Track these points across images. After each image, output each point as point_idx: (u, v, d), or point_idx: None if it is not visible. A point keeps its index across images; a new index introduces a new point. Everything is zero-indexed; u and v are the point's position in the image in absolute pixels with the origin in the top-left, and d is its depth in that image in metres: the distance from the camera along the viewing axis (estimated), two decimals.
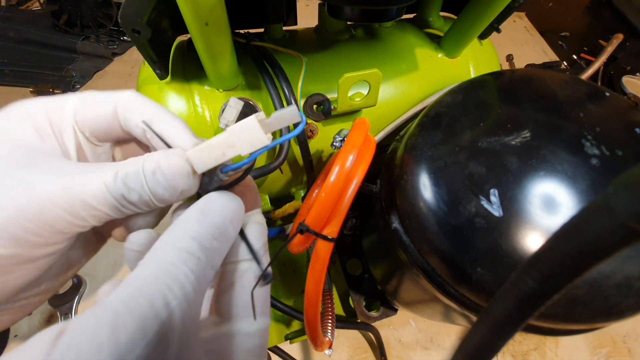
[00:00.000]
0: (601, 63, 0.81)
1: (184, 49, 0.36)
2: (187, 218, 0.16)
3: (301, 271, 0.51)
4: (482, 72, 0.40)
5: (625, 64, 0.81)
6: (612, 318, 0.21)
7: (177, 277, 0.14)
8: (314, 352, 0.52)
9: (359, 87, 0.35)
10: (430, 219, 0.23)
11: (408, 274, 0.30)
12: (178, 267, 0.14)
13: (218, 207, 0.17)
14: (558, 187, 0.21)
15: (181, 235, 0.15)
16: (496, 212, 0.21)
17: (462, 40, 0.38)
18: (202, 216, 0.16)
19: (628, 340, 0.54)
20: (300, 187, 0.44)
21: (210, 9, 0.24)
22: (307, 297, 0.27)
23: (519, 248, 0.20)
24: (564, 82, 0.27)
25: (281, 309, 0.40)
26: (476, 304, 0.24)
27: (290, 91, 0.33)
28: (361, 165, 0.25)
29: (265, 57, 0.34)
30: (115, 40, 0.94)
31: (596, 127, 0.23)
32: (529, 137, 0.23)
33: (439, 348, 0.53)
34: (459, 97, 0.28)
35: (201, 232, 0.15)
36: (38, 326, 0.52)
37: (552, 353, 0.53)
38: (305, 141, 0.34)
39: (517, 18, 1.13)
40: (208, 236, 0.16)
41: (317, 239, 0.25)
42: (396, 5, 0.30)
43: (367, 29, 0.41)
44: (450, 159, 0.24)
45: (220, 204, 0.17)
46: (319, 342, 0.33)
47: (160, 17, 0.29)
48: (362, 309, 0.44)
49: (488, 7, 0.33)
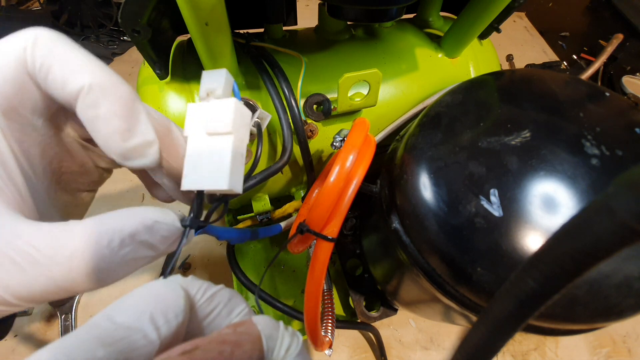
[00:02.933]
0: (601, 63, 0.81)
1: (184, 49, 0.36)
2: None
3: (301, 271, 0.51)
4: (482, 72, 0.40)
5: (625, 64, 0.81)
6: (612, 318, 0.21)
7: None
8: (314, 352, 0.52)
9: (359, 87, 0.35)
10: (430, 219, 0.23)
11: (408, 274, 0.30)
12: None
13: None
14: (558, 187, 0.21)
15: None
16: (496, 212, 0.21)
17: (462, 40, 0.38)
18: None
19: (628, 340, 0.54)
20: (300, 187, 0.44)
21: (210, 9, 0.24)
22: (307, 297, 0.27)
23: (519, 248, 0.20)
24: (564, 82, 0.27)
25: (281, 309, 0.40)
26: (476, 304, 0.24)
27: (290, 91, 0.33)
28: (361, 165, 0.25)
29: (265, 57, 0.34)
30: (115, 40, 0.94)
31: (596, 127, 0.23)
32: (529, 137, 0.23)
33: (439, 348, 0.53)
34: (459, 97, 0.28)
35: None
36: (38, 326, 0.52)
37: (552, 353, 0.53)
38: (305, 141, 0.34)
39: (517, 18, 1.13)
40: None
41: (317, 239, 0.25)
42: (396, 5, 0.30)
43: (367, 29, 0.41)
44: (450, 159, 0.24)
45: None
46: (319, 342, 0.33)
47: (160, 17, 0.29)
48: (362, 309, 0.44)
49: (488, 7, 0.33)
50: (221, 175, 0.16)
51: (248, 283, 0.40)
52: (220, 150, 0.17)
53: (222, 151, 0.17)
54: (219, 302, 0.16)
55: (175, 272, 0.58)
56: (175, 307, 0.14)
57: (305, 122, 0.34)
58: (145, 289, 0.15)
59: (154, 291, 0.14)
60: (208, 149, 0.17)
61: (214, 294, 0.16)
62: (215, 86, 0.18)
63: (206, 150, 0.17)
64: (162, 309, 0.14)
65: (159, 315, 0.14)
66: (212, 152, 0.17)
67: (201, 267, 0.59)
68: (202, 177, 0.17)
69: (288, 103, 0.33)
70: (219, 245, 0.61)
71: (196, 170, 0.17)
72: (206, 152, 0.17)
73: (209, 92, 0.18)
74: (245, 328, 0.14)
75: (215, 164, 0.17)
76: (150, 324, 0.13)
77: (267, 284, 0.50)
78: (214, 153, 0.17)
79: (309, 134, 0.35)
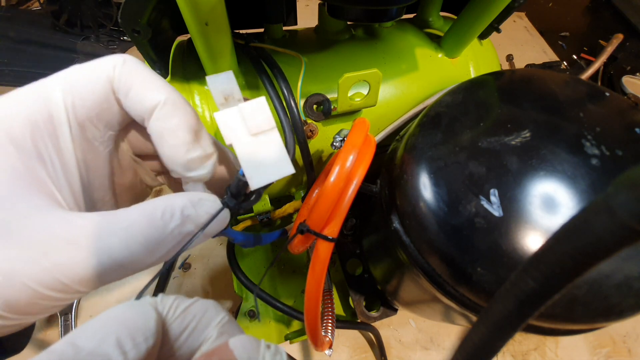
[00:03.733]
0: (601, 63, 0.81)
1: (184, 49, 0.36)
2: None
3: (301, 271, 0.51)
4: (482, 72, 0.40)
5: (625, 64, 0.81)
6: (612, 318, 0.21)
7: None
8: (314, 352, 0.52)
9: (359, 87, 0.35)
10: (430, 219, 0.23)
11: (408, 274, 0.30)
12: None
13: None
14: (558, 187, 0.21)
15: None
16: (496, 212, 0.21)
17: (462, 40, 0.38)
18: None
19: (628, 340, 0.54)
20: (300, 187, 0.44)
21: (210, 9, 0.24)
22: (307, 297, 0.27)
23: (519, 248, 0.20)
24: (564, 82, 0.27)
25: (281, 309, 0.40)
26: (476, 304, 0.24)
27: (289, 92, 0.33)
28: (361, 165, 0.25)
29: (264, 58, 0.34)
30: (115, 40, 0.94)
31: (596, 127, 0.23)
32: (529, 137, 0.23)
33: (439, 348, 0.53)
34: (459, 97, 0.28)
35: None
36: (39, 326, 0.52)
37: (552, 353, 0.53)
38: (305, 141, 0.34)
39: (517, 18, 1.13)
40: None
41: (317, 239, 0.25)
42: (396, 5, 0.30)
43: (367, 29, 0.41)
44: (450, 159, 0.24)
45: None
46: (319, 342, 0.33)
47: (160, 17, 0.29)
48: (362, 309, 0.44)
49: (488, 7, 0.33)
50: (284, 164, 0.18)
51: (248, 283, 0.40)
52: (272, 144, 0.18)
53: (274, 144, 0.18)
54: (194, 316, 0.16)
55: (175, 272, 0.58)
56: (145, 329, 0.14)
57: (305, 122, 0.34)
58: (113, 312, 0.14)
59: (122, 314, 0.14)
60: (260, 147, 0.18)
61: (187, 308, 0.16)
62: (230, 90, 0.18)
63: (258, 149, 0.18)
64: (130, 332, 0.13)
65: (126, 339, 0.13)
66: (265, 148, 0.18)
67: (201, 267, 0.59)
68: (267, 172, 0.18)
69: (287, 103, 0.33)
70: (219, 245, 0.61)
71: (258, 168, 0.18)
72: (259, 151, 0.18)
73: (226, 96, 0.18)
74: (218, 356, 0.14)
75: (273, 157, 0.18)
76: (116, 349, 0.13)
77: (267, 284, 0.50)
78: (268, 148, 0.18)
79: (309, 134, 0.35)
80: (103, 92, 0.17)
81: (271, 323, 0.47)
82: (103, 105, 0.17)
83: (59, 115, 0.16)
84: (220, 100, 0.18)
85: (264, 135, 0.18)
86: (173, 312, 0.15)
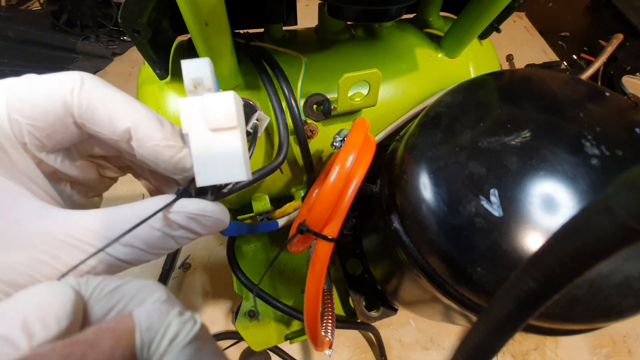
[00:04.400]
0: (601, 63, 0.81)
1: (184, 49, 0.36)
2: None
3: (301, 271, 0.51)
4: (482, 72, 0.40)
5: (625, 64, 0.81)
6: (612, 318, 0.21)
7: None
8: (314, 352, 0.52)
9: (359, 87, 0.35)
10: (430, 219, 0.23)
11: (408, 274, 0.30)
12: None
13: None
14: (558, 187, 0.21)
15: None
16: (496, 212, 0.21)
17: (462, 40, 0.38)
18: None
19: (628, 340, 0.54)
20: (300, 187, 0.44)
21: (210, 9, 0.24)
22: (307, 297, 0.27)
23: (519, 248, 0.20)
24: (564, 82, 0.27)
25: (281, 309, 0.40)
26: (476, 304, 0.24)
27: (289, 91, 0.33)
28: (361, 165, 0.25)
29: (265, 57, 0.34)
30: (115, 40, 0.94)
31: (596, 127, 0.23)
32: (529, 137, 0.23)
33: (439, 348, 0.53)
34: (459, 97, 0.28)
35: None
36: None
37: (552, 353, 0.53)
38: (305, 141, 0.34)
39: (517, 18, 1.13)
40: None
41: (317, 239, 0.25)
42: (396, 5, 0.30)
43: (367, 29, 0.41)
44: (450, 159, 0.24)
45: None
46: (319, 342, 0.33)
47: (160, 17, 0.29)
48: (362, 309, 0.44)
49: (488, 7, 0.33)
50: (237, 168, 0.17)
51: (248, 283, 0.40)
52: (230, 146, 0.17)
53: (231, 146, 0.17)
54: (123, 296, 0.15)
55: (175, 272, 0.58)
56: (59, 311, 0.13)
57: (305, 122, 0.34)
58: (26, 293, 0.13)
59: (35, 295, 0.13)
60: (215, 145, 0.17)
61: (116, 288, 0.15)
62: (202, 77, 0.17)
63: (213, 146, 0.17)
64: (40, 314, 0.13)
65: (35, 322, 0.12)
66: (221, 147, 0.17)
67: (201, 267, 0.59)
68: (217, 171, 0.17)
69: (288, 103, 0.33)
70: (219, 245, 0.61)
71: (208, 166, 0.17)
72: (214, 148, 0.17)
73: (196, 83, 0.17)
74: (114, 323, 0.13)
75: (228, 159, 0.17)
76: (20, 331, 0.12)
77: (267, 284, 0.50)
78: (224, 148, 0.17)
79: (309, 134, 0.35)
80: (57, 116, 0.16)
81: (271, 323, 0.47)
82: (56, 127, 0.16)
83: (4, 133, 0.16)
84: (189, 87, 0.17)
85: (223, 133, 0.17)
86: (99, 293, 0.15)
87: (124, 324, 0.13)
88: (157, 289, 0.15)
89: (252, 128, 0.24)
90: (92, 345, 0.12)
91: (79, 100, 0.16)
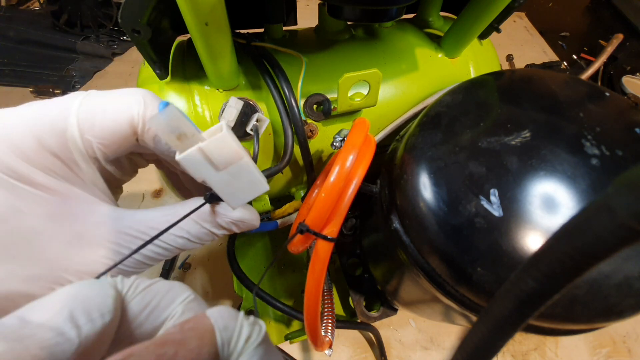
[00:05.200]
0: (601, 63, 0.81)
1: (184, 49, 0.36)
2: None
3: (301, 271, 0.51)
4: (482, 72, 0.40)
5: (625, 64, 0.81)
6: (612, 318, 0.21)
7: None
8: (314, 352, 0.52)
9: (359, 87, 0.35)
10: (430, 219, 0.23)
11: (408, 274, 0.30)
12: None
13: None
14: (558, 187, 0.21)
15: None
16: (496, 212, 0.21)
17: (462, 40, 0.38)
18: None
19: (628, 340, 0.54)
20: (300, 187, 0.44)
21: (210, 9, 0.24)
22: (307, 297, 0.27)
23: (519, 248, 0.20)
24: (564, 82, 0.27)
25: (281, 309, 0.39)
26: (476, 304, 0.24)
27: (290, 91, 0.33)
28: (361, 165, 0.25)
29: (266, 57, 0.34)
30: (115, 40, 0.94)
31: (596, 127, 0.23)
32: (529, 137, 0.23)
33: (439, 348, 0.53)
34: (459, 97, 0.28)
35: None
36: None
37: (552, 353, 0.53)
38: (305, 141, 0.34)
39: (517, 18, 1.13)
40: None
41: (317, 239, 0.25)
42: (396, 5, 0.30)
43: (367, 29, 0.41)
44: (450, 159, 0.24)
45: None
46: (319, 342, 0.33)
47: (160, 17, 0.29)
48: (362, 309, 0.44)
49: (488, 7, 0.33)
50: (258, 186, 0.20)
51: (248, 283, 0.40)
52: (246, 172, 0.19)
53: (247, 172, 0.19)
54: (156, 294, 0.15)
55: (175, 272, 0.58)
56: (102, 306, 0.13)
57: (305, 122, 0.34)
58: (69, 288, 0.14)
59: (78, 290, 0.14)
60: (233, 178, 0.19)
61: (148, 287, 0.16)
62: (178, 126, 0.16)
63: (231, 179, 0.19)
64: (85, 307, 0.13)
65: (81, 314, 0.13)
66: (238, 177, 0.19)
67: (201, 267, 0.59)
68: (243, 194, 0.20)
69: (288, 103, 0.33)
70: (219, 245, 0.61)
71: (234, 194, 0.20)
72: (233, 181, 0.19)
73: (179, 135, 0.16)
74: (194, 323, 0.13)
75: (248, 182, 0.19)
76: (68, 322, 0.13)
77: (267, 283, 0.50)
78: (241, 176, 0.19)
79: (309, 134, 0.35)
80: (123, 135, 0.19)
81: (271, 323, 0.47)
82: (122, 143, 0.19)
83: (76, 150, 0.18)
84: (173, 141, 0.16)
85: (233, 166, 0.18)
86: (133, 291, 0.15)
87: (203, 324, 0.13)
88: (185, 289, 0.17)
89: (252, 129, 0.25)
90: (181, 344, 0.12)
91: (143, 122, 0.19)
